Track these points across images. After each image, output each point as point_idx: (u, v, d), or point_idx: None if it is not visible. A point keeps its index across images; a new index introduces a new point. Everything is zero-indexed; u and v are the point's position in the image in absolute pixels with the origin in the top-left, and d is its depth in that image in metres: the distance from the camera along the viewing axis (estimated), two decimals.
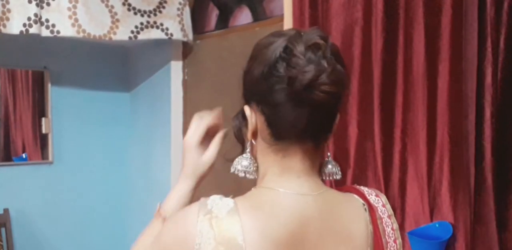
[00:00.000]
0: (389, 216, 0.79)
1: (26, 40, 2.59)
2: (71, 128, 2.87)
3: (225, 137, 0.86)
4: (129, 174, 3.11)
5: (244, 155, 0.75)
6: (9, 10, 2.01)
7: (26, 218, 2.71)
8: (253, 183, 0.77)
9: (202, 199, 0.69)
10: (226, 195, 0.71)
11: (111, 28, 2.27)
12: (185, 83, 2.77)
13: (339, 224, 0.73)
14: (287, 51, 0.67)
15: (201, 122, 0.85)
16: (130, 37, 2.35)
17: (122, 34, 2.32)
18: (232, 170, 0.76)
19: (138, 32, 2.37)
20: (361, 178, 1.73)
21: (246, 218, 0.66)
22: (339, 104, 0.72)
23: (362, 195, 0.79)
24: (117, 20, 2.29)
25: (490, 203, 1.37)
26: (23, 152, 2.77)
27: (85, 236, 2.92)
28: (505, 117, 1.38)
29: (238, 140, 0.78)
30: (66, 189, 2.86)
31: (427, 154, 1.55)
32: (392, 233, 0.78)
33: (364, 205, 0.77)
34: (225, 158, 0.79)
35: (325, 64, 0.66)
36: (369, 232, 0.75)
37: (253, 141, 0.74)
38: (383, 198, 0.81)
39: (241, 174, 0.74)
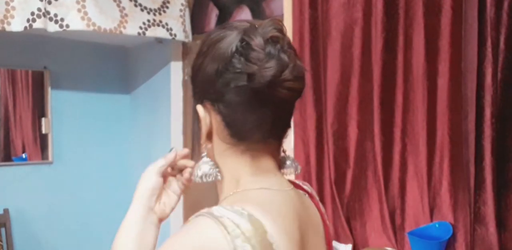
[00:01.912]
0: (318, 201, 0.79)
1: (26, 40, 2.59)
2: (71, 128, 2.87)
3: (186, 190, 0.80)
4: (129, 174, 3.11)
5: (203, 159, 0.69)
6: (13, 8, 2.00)
7: (26, 218, 2.71)
8: None
9: (206, 213, 0.59)
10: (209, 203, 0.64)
11: (121, 22, 2.27)
12: (185, 83, 2.77)
13: (310, 215, 0.73)
14: (244, 45, 0.62)
15: (170, 155, 0.80)
16: (139, 33, 2.34)
17: (131, 29, 2.32)
18: (195, 179, 0.69)
19: (146, 29, 2.37)
20: (361, 178, 1.73)
21: (267, 222, 0.60)
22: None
23: (298, 186, 0.78)
24: (126, 15, 2.29)
25: (490, 203, 1.37)
26: (23, 152, 2.77)
27: (84, 236, 2.92)
28: (505, 117, 1.38)
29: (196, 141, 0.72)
30: (66, 189, 2.86)
31: (427, 154, 1.55)
32: (325, 216, 0.79)
33: (305, 194, 0.77)
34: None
35: (286, 59, 0.62)
36: (319, 217, 0.76)
37: (207, 144, 0.69)
38: (309, 186, 0.81)
39: (203, 180, 0.68)
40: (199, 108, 0.68)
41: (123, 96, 3.12)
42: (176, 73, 2.76)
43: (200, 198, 1.81)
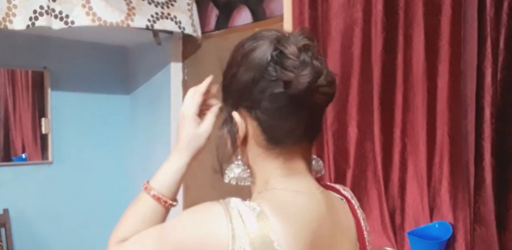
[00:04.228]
0: (358, 207, 0.82)
1: (26, 40, 2.59)
2: (71, 128, 2.87)
3: (221, 110, 0.78)
4: (129, 174, 3.11)
5: (236, 162, 0.73)
6: (15, 6, 2.00)
7: (26, 218, 2.71)
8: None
9: (223, 201, 0.64)
10: (235, 197, 0.67)
11: (128, 15, 2.23)
12: (185, 84, 2.77)
13: (339, 219, 0.75)
14: (278, 53, 0.65)
15: (196, 92, 0.79)
16: (147, 26, 2.31)
17: (139, 21, 2.28)
18: (226, 180, 0.73)
19: (154, 22, 2.34)
20: (361, 178, 1.74)
21: (276, 221, 0.63)
22: None
23: (336, 191, 0.81)
24: (133, 8, 2.26)
25: (490, 203, 1.37)
26: (23, 152, 2.77)
27: (84, 236, 2.92)
28: (505, 117, 1.38)
29: (230, 147, 0.73)
30: (66, 189, 2.86)
31: (427, 154, 1.55)
32: (363, 223, 0.81)
33: (342, 199, 0.80)
34: (213, 168, 0.75)
35: (320, 66, 0.65)
36: (353, 223, 0.78)
37: (242, 148, 0.72)
38: (350, 191, 0.83)
39: (233, 182, 0.73)
40: (235, 115, 0.70)
41: (123, 96, 3.12)
42: (176, 73, 2.76)
43: (200, 198, 1.81)
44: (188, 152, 0.77)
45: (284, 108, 0.66)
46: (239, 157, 0.73)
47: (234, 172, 0.73)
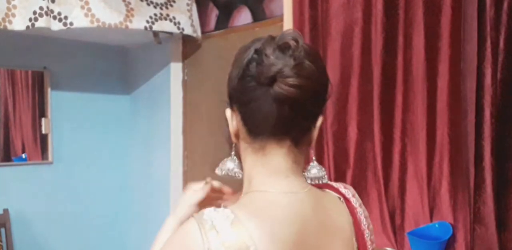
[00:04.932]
0: (360, 205, 0.82)
1: (26, 40, 2.59)
2: (71, 128, 2.87)
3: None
4: (129, 174, 3.11)
5: (230, 157, 0.77)
6: (14, 7, 1.99)
7: (26, 218, 2.71)
8: None
9: (197, 216, 0.67)
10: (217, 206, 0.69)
11: (127, 16, 2.23)
12: (185, 84, 2.77)
13: (329, 219, 0.75)
14: (258, 52, 0.70)
15: (196, 194, 0.87)
16: (145, 27, 2.31)
17: (138, 23, 2.28)
18: (217, 171, 0.78)
19: (153, 23, 2.34)
20: (361, 178, 1.73)
21: (252, 226, 0.65)
22: (319, 104, 0.73)
23: (335, 189, 0.81)
24: (132, 9, 2.26)
25: (489, 203, 1.37)
26: (23, 152, 2.77)
27: (84, 236, 2.92)
28: (505, 117, 1.38)
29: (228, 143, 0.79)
30: (66, 189, 2.86)
31: (427, 154, 1.55)
32: (365, 221, 0.81)
33: (340, 198, 0.80)
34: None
35: (291, 60, 0.68)
36: (351, 222, 0.78)
37: (236, 143, 0.76)
38: (351, 189, 0.84)
39: (222, 173, 0.78)
40: (227, 111, 0.75)
41: (123, 96, 3.12)
42: (176, 73, 2.76)
43: None
44: (173, 215, 0.86)
45: (257, 99, 0.69)
46: (233, 152, 0.77)
47: (226, 165, 0.77)
